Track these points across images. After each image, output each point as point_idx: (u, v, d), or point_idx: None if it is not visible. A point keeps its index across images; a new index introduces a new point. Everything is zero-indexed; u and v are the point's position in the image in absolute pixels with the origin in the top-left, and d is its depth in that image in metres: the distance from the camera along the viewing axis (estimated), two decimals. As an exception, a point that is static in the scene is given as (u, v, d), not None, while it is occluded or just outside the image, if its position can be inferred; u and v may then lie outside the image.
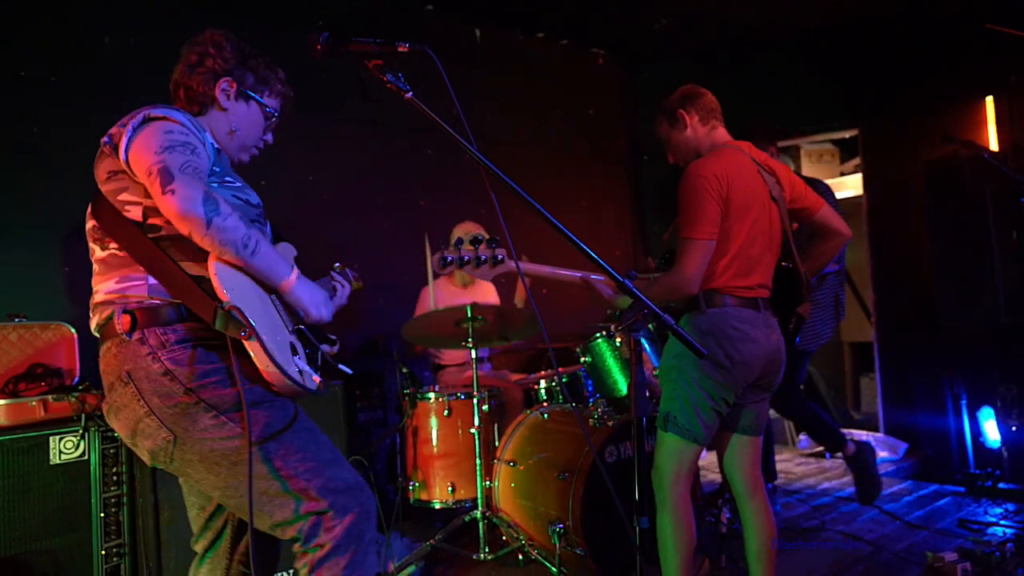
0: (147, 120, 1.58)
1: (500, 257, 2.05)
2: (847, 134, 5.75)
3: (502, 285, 4.64)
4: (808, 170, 6.90)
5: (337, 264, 2.22)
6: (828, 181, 6.48)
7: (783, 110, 5.55)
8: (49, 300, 3.34)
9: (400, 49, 1.51)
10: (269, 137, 1.92)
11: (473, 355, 3.29)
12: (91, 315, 1.66)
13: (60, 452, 2.49)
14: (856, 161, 6.41)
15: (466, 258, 2.01)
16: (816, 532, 3.60)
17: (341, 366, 1.82)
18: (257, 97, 1.83)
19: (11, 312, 2.77)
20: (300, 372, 1.64)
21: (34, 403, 2.50)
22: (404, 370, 3.66)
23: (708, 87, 2.59)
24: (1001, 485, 3.98)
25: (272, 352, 1.55)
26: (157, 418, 1.54)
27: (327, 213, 4.41)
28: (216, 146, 1.72)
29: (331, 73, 4.34)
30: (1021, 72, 4.46)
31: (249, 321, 1.51)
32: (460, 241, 2.02)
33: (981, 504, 3.89)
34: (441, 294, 4.24)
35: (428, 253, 3.67)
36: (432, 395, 3.42)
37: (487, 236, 2.06)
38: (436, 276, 4.12)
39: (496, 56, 5.29)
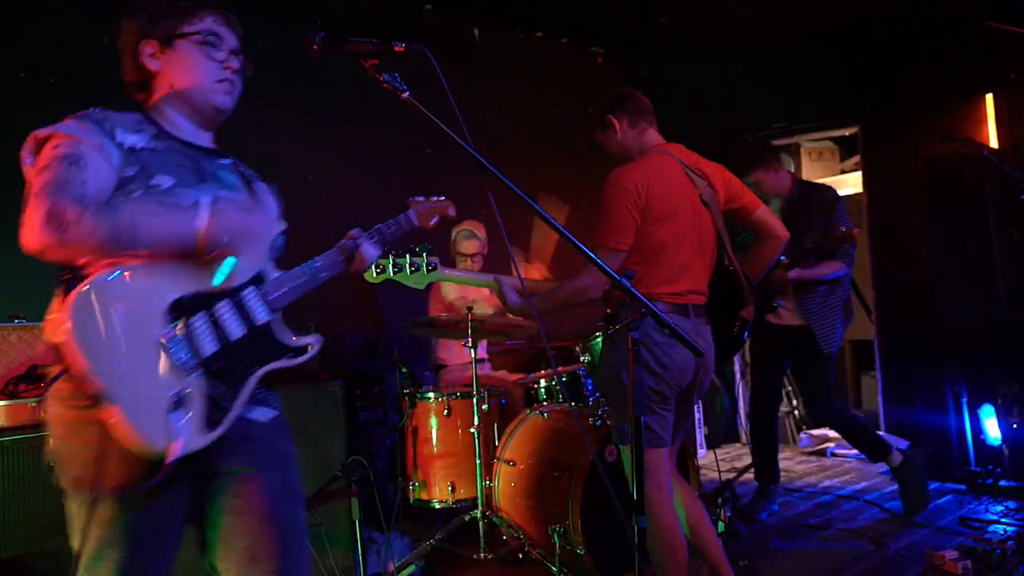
0: (37, 143, 1.44)
1: (432, 265, 2.07)
2: (847, 132, 5.75)
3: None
4: (808, 167, 6.90)
5: (412, 199, 2.05)
6: (828, 179, 6.50)
7: (783, 107, 5.54)
8: (49, 301, 3.34)
9: (396, 49, 1.51)
10: (232, 61, 1.62)
11: (473, 355, 3.29)
12: None
13: (60, 453, 2.49)
14: (856, 159, 6.40)
15: (397, 267, 2.03)
16: (817, 530, 3.60)
17: (253, 414, 1.50)
18: (178, 33, 1.57)
19: (11, 313, 2.78)
20: (169, 434, 1.33)
21: (34, 404, 2.50)
22: (404, 370, 3.66)
23: (708, 85, 2.59)
24: (1002, 483, 3.98)
25: (127, 414, 1.30)
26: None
27: (326, 212, 4.40)
28: (137, 146, 1.48)
29: (331, 73, 4.34)
30: (1021, 70, 4.45)
31: (94, 380, 1.28)
32: (392, 250, 2.04)
33: (982, 502, 3.89)
34: (451, 285, 4.21)
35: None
36: (432, 395, 3.42)
37: (415, 246, 2.07)
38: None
39: (495, 55, 5.28)
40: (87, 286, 1.31)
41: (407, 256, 2.03)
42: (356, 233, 1.79)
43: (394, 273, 2.03)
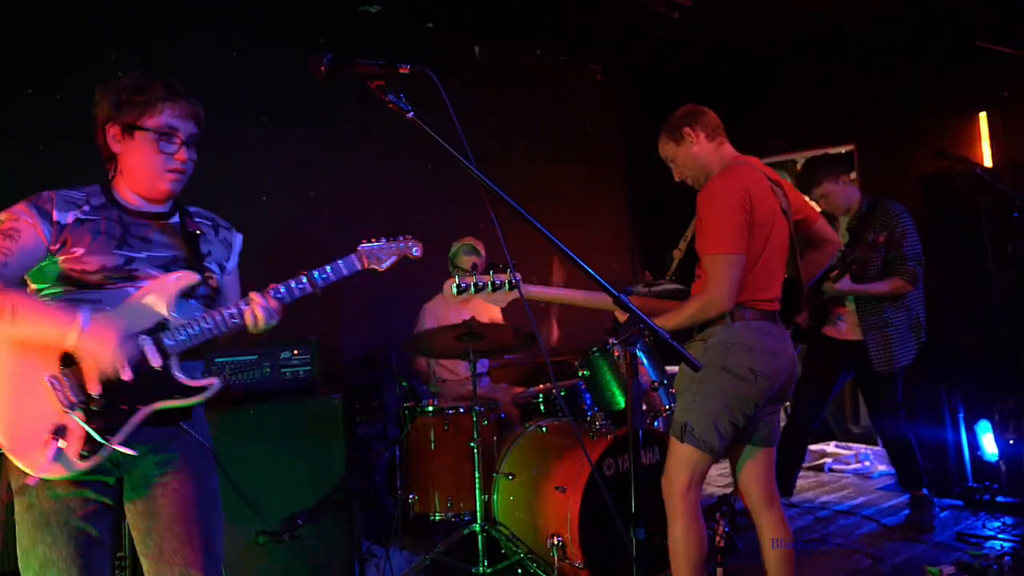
0: None
1: (516, 281, 2.06)
2: (843, 149, 5.80)
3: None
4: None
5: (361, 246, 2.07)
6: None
7: (780, 125, 5.61)
8: None
9: (402, 71, 1.55)
10: (182, 153, 1.81)
11: (472, 369, 3.32)
12: None
13: None
14: (852, 175, 6.45)
15: (481, 284, 2.01)
16: (815, 545, 3.61)
17: (120, 446, 1.68)
18: (138, 125, 1.76)
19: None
20: (46, 461, 1.63)
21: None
22: (403, 383, 3.68)
23: (704, 102, 2.63)
24: (999, 499, 3.98)
25: (6, 439, 1.62)
26: None
27: (327, 227, 4.44)
28: (68, 219, 1.72)
29: (333, 90, 4.39)
30: (1013, 88, 4.51)
31: None
32: (475, 267, 2.03)
33: (979, 517, 3.89)
34: (439, 310, 4.25)
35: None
36: (431, 408, 3.44)
37: (499, 263, 2.05)
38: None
39: (495, 72, 5.35)
40: None
41: (490, 272, 2.02)
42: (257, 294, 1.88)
43: (475, 291, 2.01)
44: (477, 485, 3.18)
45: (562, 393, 3.65)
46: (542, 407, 3.70)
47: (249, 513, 2.65)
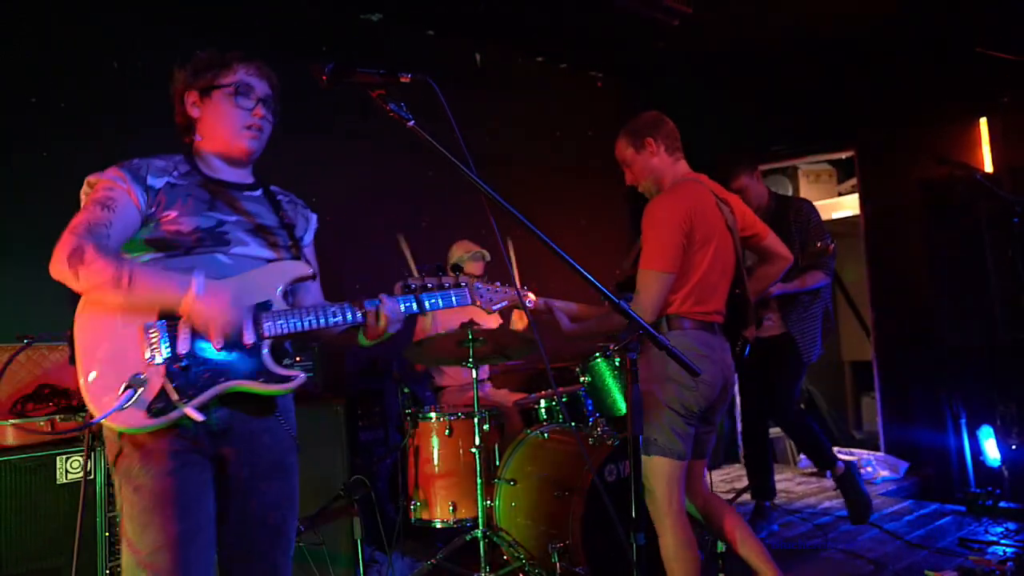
0: (89, 184, 1.71)
1: (463, 284, 2.07)
2: (844, 155, 5.82)
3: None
4: (805, 190, 6.96)
5: (475, 283, 1.95)
6: (825, 200, 6.56)
7: (781, 131, 5.62)
8: (56, 321, 3.38)
9: (403, 80, 1.57)
10: (259, 109, 1.83)
11: (474, 375, 3.32)
12: None
13: (67, 472, 2.52)
14: (853, 181, 6.46)
15: (429, 286, 2.01)
16: (817, 551, 3.61)
17: (189, 409, 1.59)
18: (214, 85, 1.80)
19: (20, 333, 2.81)
20: (111, 403, 1.52)
21: (42, 423, 2.54)
22: (405, 390, 3.69)
23: (705, 109, 2.68)
24: (1002, 504, 3.98)
25: (86, 382, 1.56)
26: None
27: (329, 234, 4.43)
28: (160, 184, 1.71)
29: (334, 95, 4.41)
30: (1013, 93, 4.53)
31: (76, 354, 1.58)
32: (422, 270, 2.04)
33: (982, 523, 3.89)
34: (439, 313, 4.27)
35: (407, 255, 3.69)
36: (433, 415, 3.45)
37: (451, 265, 2.06)
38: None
39: (496, 79, 5.37)
40: None
41: (438, 276, 2.01)
42: (386, 296, 1.82)
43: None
44: (479, 491, 3.19)
45: (563, 399, 3.65)
46: (543, 413, 3.71)
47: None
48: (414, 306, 1.83)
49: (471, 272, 4.40)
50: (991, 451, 4.16)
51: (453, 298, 1.87)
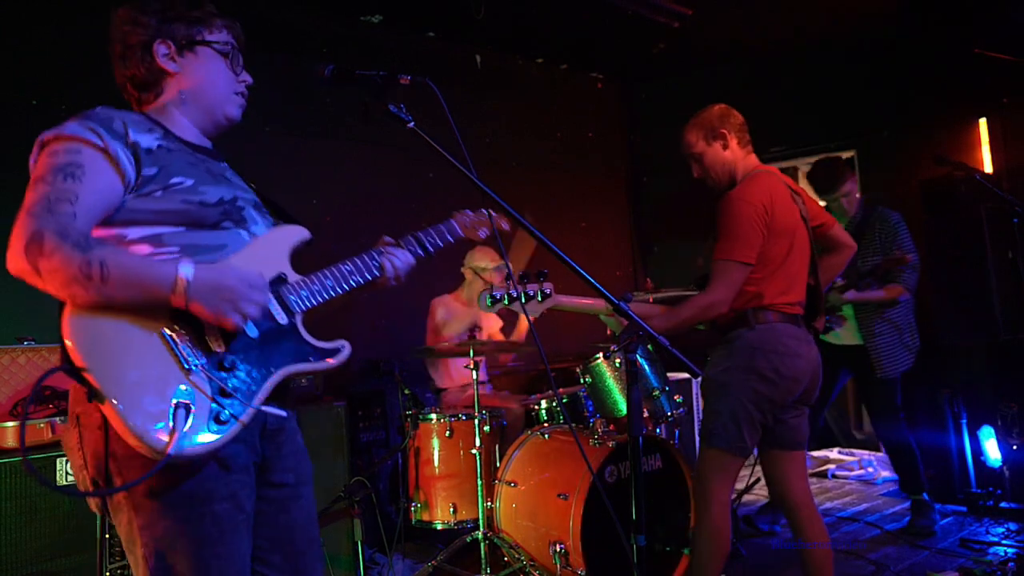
0: (41, 147, 1.38)
1: (548, 291, 2.06)
2: (844, 155, 5.81)
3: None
4: (805, 189, 6.96)
5: (460, 214, 1.97)
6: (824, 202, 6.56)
7: (781, 131, 5.62)
8: (57, 323, 3.38)
9: (402, 81, 1.57)
10: (245, 76, 1.63)
11: (474, 376, 3.33)
12: None
13: (67, 474, 2.52)
14: (854, 182, 6.47)
15: (515, 294, 2.02)
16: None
17: (269, 408, 1.40)
18: (200, 39, 1.56)
19: (20, 335, 2.82)
20: (171, 432, 1.26)
21: (42, 425, 2.53)
22: (406, 391, 3.69)
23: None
24: (1003, 504, 3.97)
25: (124, 415, 1.24)
26: (87, 473, 1.35)
27: (329, 235, 4.44)
28: (152, 146, 1.42)
29: (334, 97, 4.42)
30: (1012, 94, 4.53)
31: (98, 386, 1.24)
32: (509, 276, 2.03)
33: (983, 523, 3.89)
34: (448, 311, 4.26)
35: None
36: (434, 416, 3.45)
37: (535, 271, 2.04)
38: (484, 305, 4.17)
39: (496, 81, 5.38)
40: None
41: (524, 283, 2.00)
42: (389, 240, 1.78)
43: (509, 302, 2.01)
44: (479, 492, 3.19)
45: (564, 400, 3.65)
46: (544, 414, 3.71)
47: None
48: (419, 250, 1.80)
49: (490, 280, 4.41)
50: (992, 451, 4.15)
51: (446, 233, 1.90)
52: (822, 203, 3.88)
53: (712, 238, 2.43)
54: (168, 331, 1.33)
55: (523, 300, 2.01)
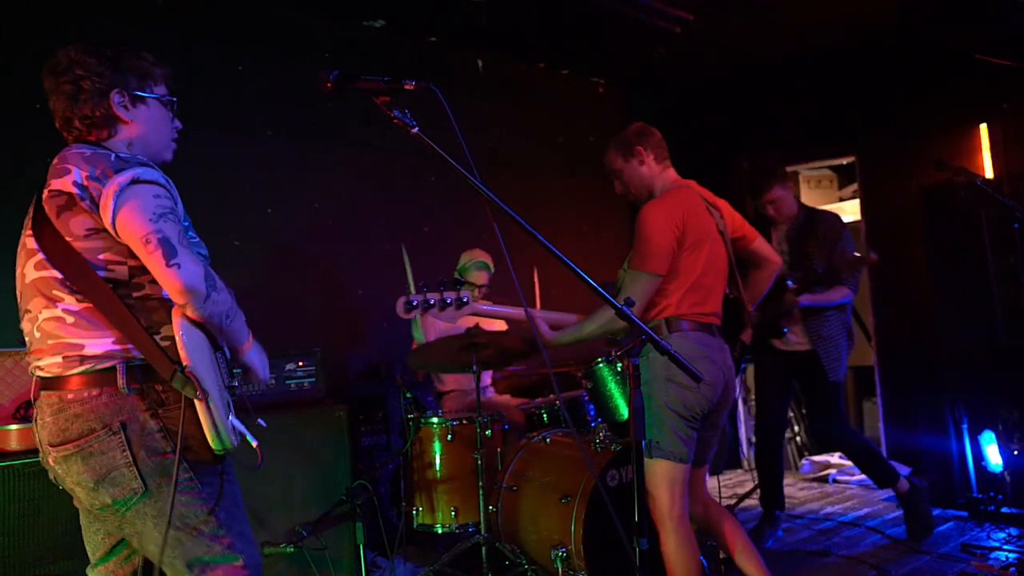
0: (135, 182, 1.57)
1: (465, 299, 2.10)
2: (845, 161, 5.83)
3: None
4: (807, 195, 6.97)
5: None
6: (826, 206, 6.57)
7: (782, 137, 5.64)
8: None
9: (407, 87, 1.58)
10: (177, 123, 1.87)
11: (476, 380, 3.33)
12: (69, 362, 1.62)
13: (69, 476, 2.52)
14: (854, 186, 6.48)
15: (431, 302, 2.06)
16: (819, 556, 3.60)
17: (260, 421, 1.93)
18: (148, 94, 1.76)
19: (22, 338, 2.82)
20: (234, 431, 1.69)
21: (45, 428, 2.54)
22: (407, 395, 3.69)
23: (706, 115, 2.71)
24: (1004, 509, 3.98)
25: (216, 414, 1.61)
26: (137, 470, 1.60)
27: (331, 239, 4.47)
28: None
29: (336, 102, 4.43)
30: (1013, 99, 4.54)
31: (202, 384, 1.58)
32: (424, 285, 2.07)
33: (984, 528, 3.89)
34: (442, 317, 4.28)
35: (408, 268, 3.67)
36: (435, 420, 3.45)
37: (451, 279, 2.09)
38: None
39: (498, 85, 5.39)
40: None
41: (440, 291, 2.02)
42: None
43: (425, 309, 2.03)
44: (481, 496, 3.19)
45: (565, 404, 3.66)
46: (545, 418, 3.71)
47: (254, 525, 2.66)
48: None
49: (474, 281, 4.42)
50: (993, 456, 4.16)
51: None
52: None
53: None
54: (219, 354, 1.71)
55: (440, 308, 2.05)
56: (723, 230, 2.58)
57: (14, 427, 2.51)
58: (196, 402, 1.58)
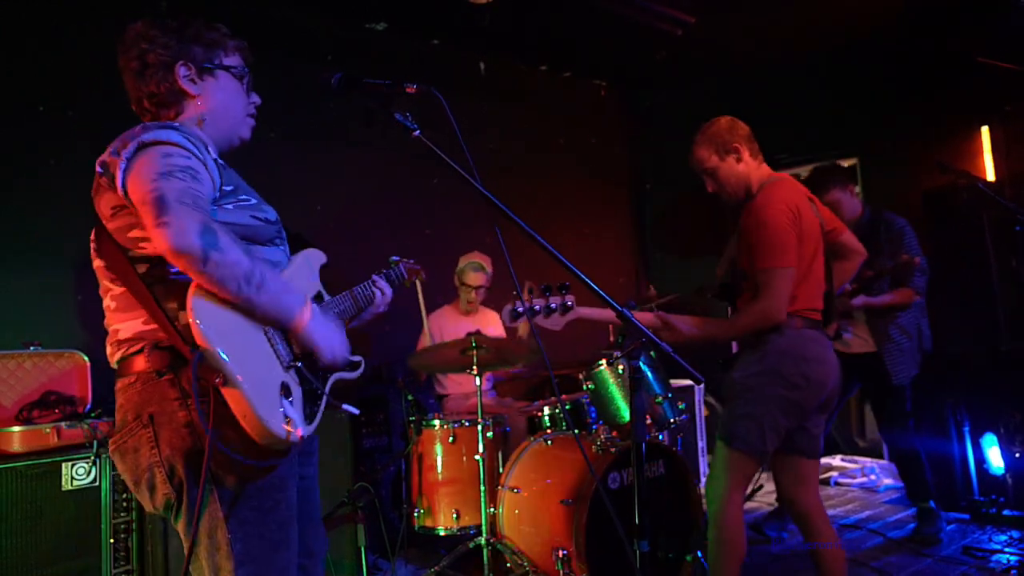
0: (141, 147, 1.41)
1: (570, 304, 2.08)
2: (846, 163, 5.82)
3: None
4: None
5: (395, 258, 2.20)
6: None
7: (783, 140, 5.63)
8: (63, 328, 3.40)
9: (408, 90, 1.58)
10: (255, 97, 1.74)
11: (477, 382, 3.33)
12: (112, 349, 1.51)
13: (72, 478, 2.53)
14: (856, 189, 6.48)
15: (537, 308, 2.03)
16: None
17: (345, 406, 1.60)
18: (218, 63, 1.64)
19: (26, 340, 2.83)
20: (287, 420, 1.39)
21: (47, 430, 2.55)
22: (409, 397, 3.69)
23: (708, 118, 2.67)
24: (1005, 512, 3.97)
25: (252, 399, 1.34)
26: (166, 474, 1.41)
27: (333, 240, 4.46)
28: (221, 162, 1.56)
29: (338, 103, 4.44)
30: (1015, 102, 4.54)
31: (224, 367, 1.32)
32: (531, 290, 2.04)
33: (986, 531, 3.88)
34: (444, 322, 4.29)
35: (419, 291, 3.64)
36: (437, 422, 3.45)
37: (556, 284, 2.06)
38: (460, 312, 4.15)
39: (500, 87, 5.40)
40: None
41: (545, 297, 2.02)
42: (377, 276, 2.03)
43: (532, 316, 2.02)
44: (482, 498, 3.19)
45: (567, 407, 3.66)
46: (547, 421, 3.71)
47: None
48: (388, 287, 2.06)
49: (471, 283, 4.42)
50: (995, 459, 4.15)
51: (393, 276, 2.15)
52: None
53: (733, 250, 2.43)
54: (270, 330, 1.46)
55: (546, 314, 2.03)
56: (822, 223, 2.53)
57: (16, 429, 2.51)
58: (222, 390, 1.33)
